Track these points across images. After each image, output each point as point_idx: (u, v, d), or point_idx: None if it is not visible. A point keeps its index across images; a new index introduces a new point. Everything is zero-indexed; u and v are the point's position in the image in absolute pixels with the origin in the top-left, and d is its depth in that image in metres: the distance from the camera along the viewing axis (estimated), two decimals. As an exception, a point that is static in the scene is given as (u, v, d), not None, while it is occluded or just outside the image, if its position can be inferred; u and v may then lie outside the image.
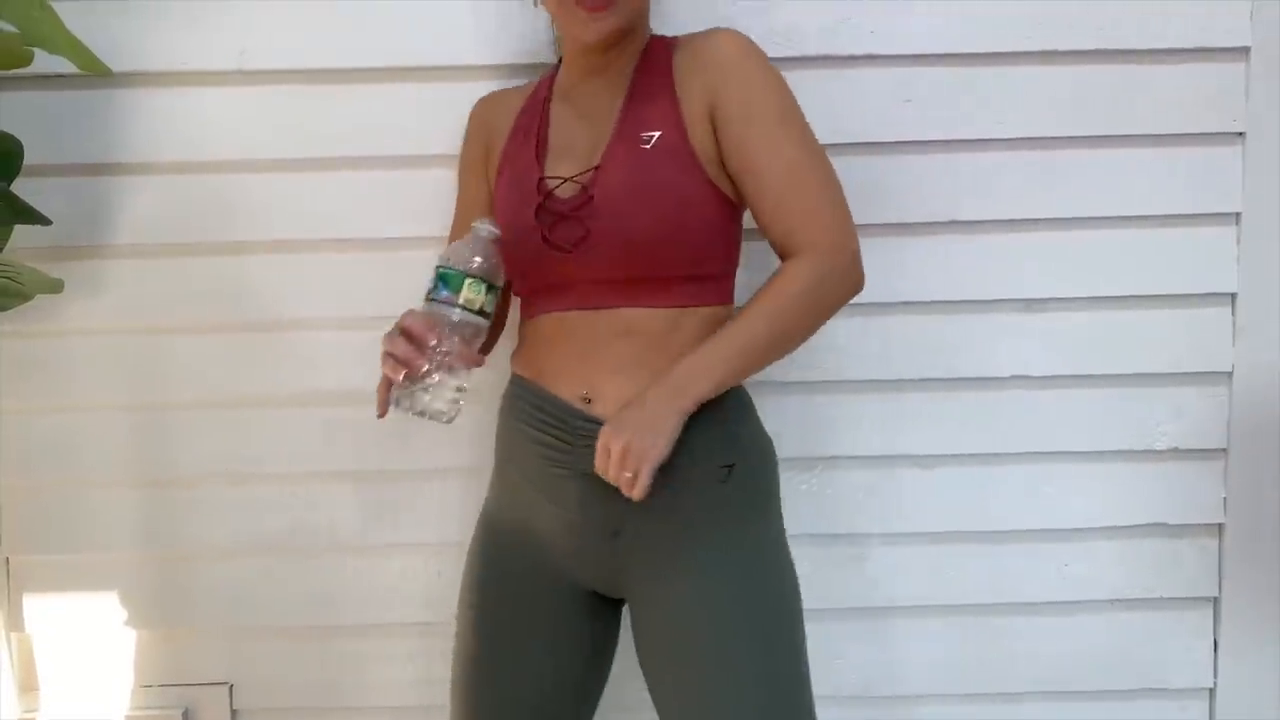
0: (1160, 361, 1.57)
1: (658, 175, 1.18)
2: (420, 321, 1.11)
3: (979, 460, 1.59)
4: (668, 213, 1.17)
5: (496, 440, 1.33)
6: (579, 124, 1.26)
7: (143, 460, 1.59)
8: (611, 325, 1.20)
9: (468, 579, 1.31)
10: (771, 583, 1.19)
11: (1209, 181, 1.53)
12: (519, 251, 1.22)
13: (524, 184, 1.25)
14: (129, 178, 1.53)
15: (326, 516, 1.61)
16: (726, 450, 1.20)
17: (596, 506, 1.18)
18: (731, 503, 1.19)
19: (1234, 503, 1.58)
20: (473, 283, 1.11)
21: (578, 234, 1.19)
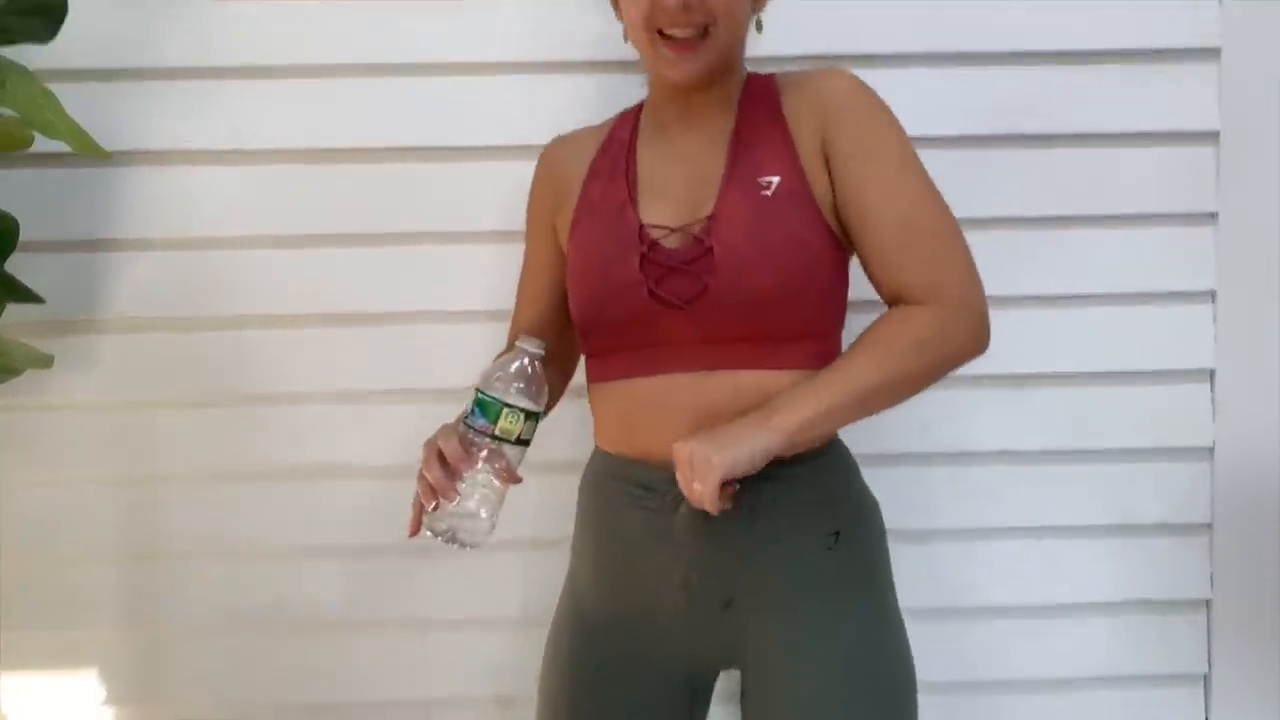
0: (1144, 437, 1.58)
1: (782, 225, 1.09)
2: (455, 449, 1.06)
3: (965, 536, 1.59)
4: (794, 266, 1.08)
5: (581, 524, 1.24)
6: (674, 166, 1.17)
7: (128, 536, 1.58)
8: (727, 390, 1.10)
9: (555, 677, 1.23)
10: (883, 661, 1.13)
11: (1183, 261, 1.56)
12: (614, 307, 1.13)
13: (619, 232, 1.14)
14: (122, 253, 1.54)
15: (310, 593, 1.59)
16: (831, 516, 1.13)
17: (708, 577, 1.11)
18: (840, 572, 1.13)
19: (1221, 578, 1.58)
20: (509, 412, 1.06)
21: (693, 289, 1.09)
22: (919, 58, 1.53)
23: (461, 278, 1.55)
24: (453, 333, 1.55)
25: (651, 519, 1.13)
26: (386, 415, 1.57)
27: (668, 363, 1.12)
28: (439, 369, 1.55)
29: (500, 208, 1.53)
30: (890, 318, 1.08)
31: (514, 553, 1.58)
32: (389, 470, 1.56)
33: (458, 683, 1.60)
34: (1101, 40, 1.53)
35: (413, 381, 1.56)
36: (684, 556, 1.12)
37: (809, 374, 1.07)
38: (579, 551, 1.25)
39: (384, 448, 1.56)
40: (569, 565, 1.27)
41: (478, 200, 1.55)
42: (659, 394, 1.12)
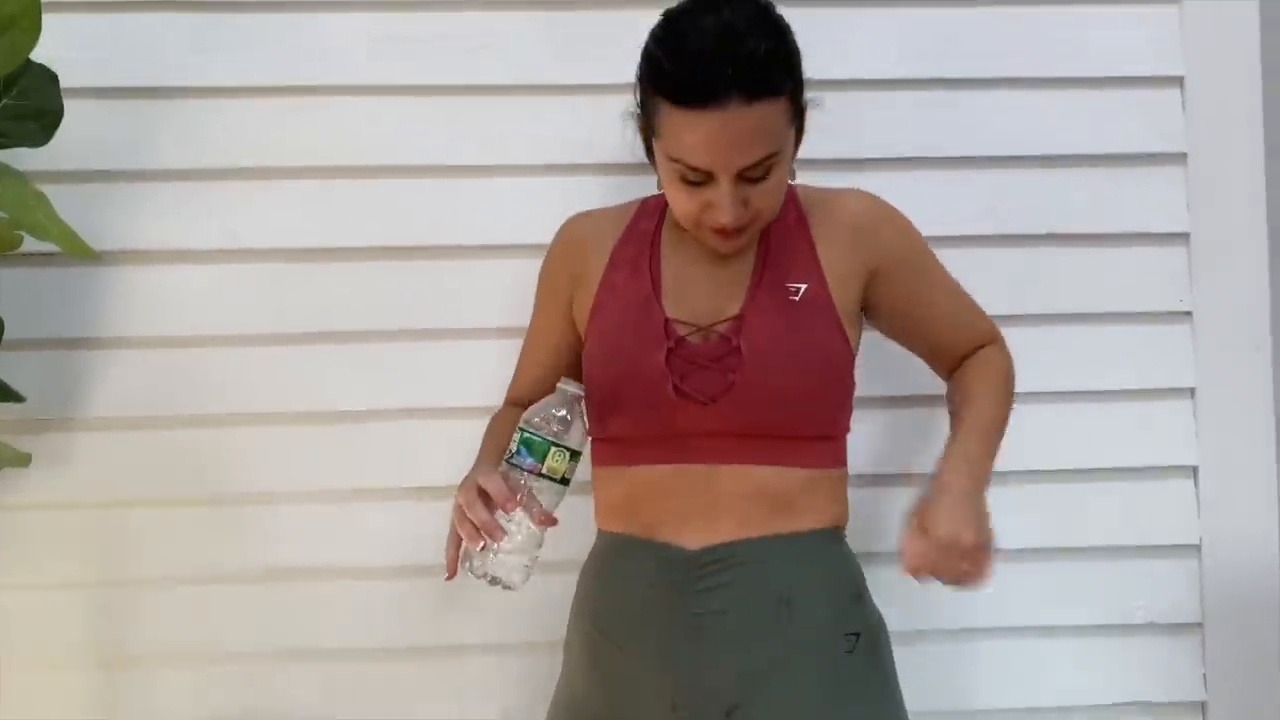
0: (1129, 535, 1.58)
1: (807, 330, 1.15)
2: (501, 487, 1.07)
3: (949, 637, 1.56)
4: (817, 369, 1.15)
5: (581, 613, 1.22)
6: (698, 267, 1.20)
7: (100, 639, 1.53)
8: (740, 483, 1.13)
9: None
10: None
11: (1161, 358, 1.58)
12: (636, 397, 1.15)
13: (645, 325, 1.17)
14: (103, 351, 1.54)
15: (289, 698, 1.54)
16: (853, 617, 1.15)
17: (713, 674, 1.09)
18: (856, 677, 1.13)
19: (1214, 679, 1.56)
20: (557, 451, 1.08)
21: (719, 387, 1.13)
22: (906, 161, 1.58)
23: (446, 375, 1.56)
24: (437, 430, 1.55)
25: (663, 601, 1.12)
26: (367, 515, 1.55)
27: (683, 454, 1.14)
28: (422, 467, 1.54)
29: (487, 306, 1.55)
30: (979, 365, 1.25)
31: (494, 656, 1.55)
32: (369, 571, 1.54)
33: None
34: (1075, 145, 1.58)
35: (395, 480, 1.55)
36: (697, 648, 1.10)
37: (818, 473, 1.16)
38: (574, 646, 1.22)
39: (365, 548, 1.54)
40: (563, 664, 1.24)
41: (464, 299, 1.56)
42: (669, 482, 1.15)
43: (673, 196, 1.15)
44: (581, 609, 1.22)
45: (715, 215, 1.11)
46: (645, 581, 1.14)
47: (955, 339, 1.27)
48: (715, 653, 1.09)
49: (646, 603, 1.13)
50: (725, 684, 1.09)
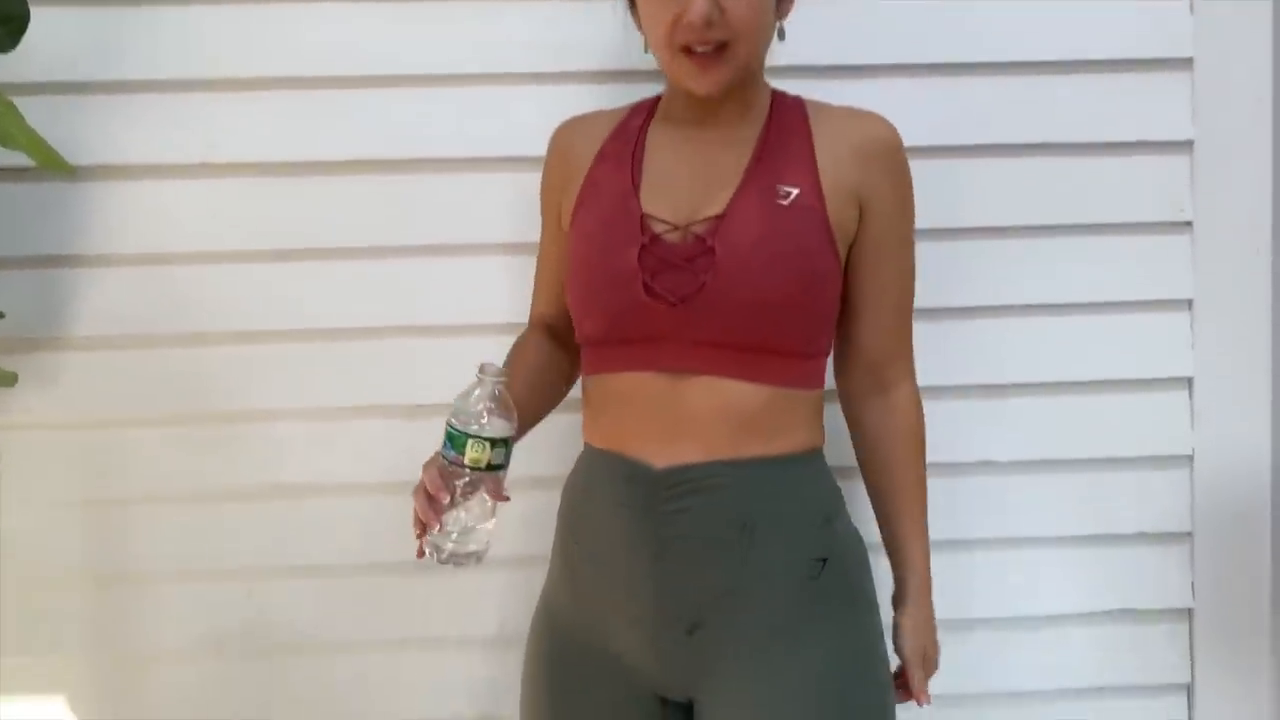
0: (1123, 446, 1.58)
1: (793, 237, 1.10)
2: (433, 478, 1.06)
3: (946, 547, 1.56)
4: (797, 280, 1.09)
5: (561, 525, 1.22)
6: (684, 162, 1.16)
7: (96, 558, 1.54)
8: (708, 397, 1.09)
9: (531, 687, 1.21)
10: (859, 700, 1.11)
11: (1161, 270, 1.57)
12: (607, 297, 1.12)
13: (620, 220, 1.13)
14: (88, 270, 1.51)
15: (286, 613, 1.56)
16: (819, 542, 1.12)
17: (675, 595, 1.09)
18: (822, 601, 1.11)
19: (1202, 587, 1.58)
20: (475, 443, 1.06)
21: (689, 287, 1.08)
22: (901, 68, 1.53)
23: (437, 292, 1.54)
24: (429, 347, 1.53)
25: (631, 519, 1.11)
26: (361, 432, 1.55)
27: (652, 360, 1.11)
28: (415, 385, 1.53)
29: (478, 220, 1.52)
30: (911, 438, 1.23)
31: (492, 571, 1.54)
32: (363, 488, 1.54)
33: (436, 703, 1.57)
34: (1077, 50, 1.54)
35: (387, 398, 1.54)
36: (658, 567, 1.10)
37: (792, 393, 1.12)
38: (555, 553, 1.23)
39: (358, 465, 1.54)
40: (547, 572, 1.25)
41: (455, 213, 1.53)
42: (639, 391, 1.12)
43: (648, 20, 1.11)
44: (563, 521, 1.22)
45: (688, 23, 1.06)
46: (614, 499, 1.13)
47: (876, 347, 1.20)
48: (677, 574, 1.09)
49: (615, 520, 1.13)
50: (687, 604, 1.09)
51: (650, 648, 1.11)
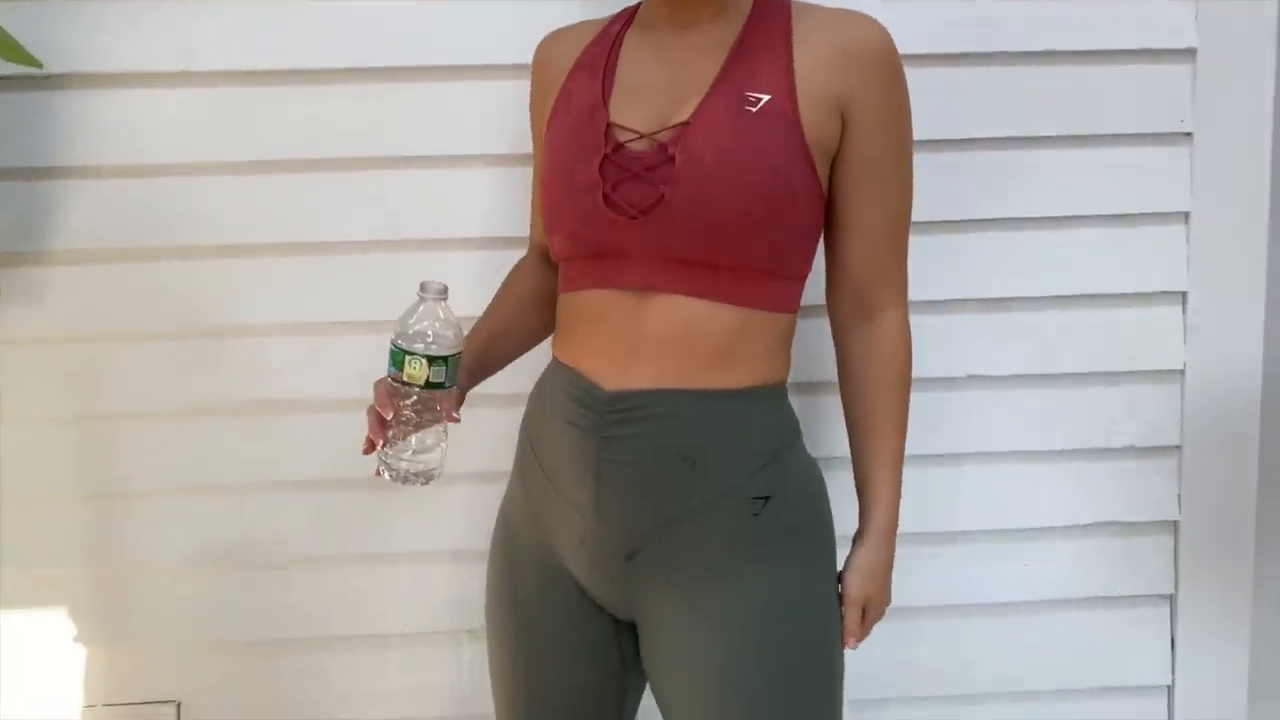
0: (1114, 360, 1.57)
1: (760, 145, 1.02)
2: (381, 395, 1.05)
3: (935, 461, 1.58)
4: (761, 192, 1.02)
5: (522, 437, 1.20)
6: (657, 68, 1.10)
7: (86, 474, 1.54)
8: (668, 318, 1.05)
9: (491, 596, 1.22)
10: (799, 637, 1.07)
11: (1159, 181, 1.54)
12: (570, 208, 1.08)
13: (587, 131, 1.08)
14: (67, 182, 1.48)
15: (276, 529, 1.57)
16: (764, 480, 1.07)
17: (615, 521, 1.07)
18: (763, 541, 1.06)
19: (1188, 499, 1.59)
20: (413, 360, 1.04)
21: (648, 199, 1.03)
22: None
23: (424, 204, 1.51)
24: (415, 262, 1.51)
25: (577, 439, 1.08)
26: (347, 348, 1.53)
27: (616, 276, 1.07)
28: (402, 300, 1.50)
29: (464, 132, 1.49)
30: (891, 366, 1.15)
31: (480, 484, 1.56)
32: (351, 403, 1.51)
33: (425, 616, 1.59)
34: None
35: (374, 313, 1.51)
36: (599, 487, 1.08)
37: (757, 315, 1.07)
38: (515, 464, 1.22)
39: (345, 381, 1.53)
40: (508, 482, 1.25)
41: (441, 124, 1.50)
42: (601, 309, 1.08)
43: None
44: (523, 433, 1.21)
45: None
46: (565, 417, 1.10)
47: (861, 270, 1.12)
48: (618, 500, 1.07)
49: (564, 438, 1.10)
50: (626, 531, 1.07)
51: (594, 568, 1.10)
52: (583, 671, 1.17)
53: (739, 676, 1.04)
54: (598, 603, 1.14)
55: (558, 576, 1.14)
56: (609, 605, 1.13)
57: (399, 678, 1.60)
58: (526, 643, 1.17)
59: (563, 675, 1.17)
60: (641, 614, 1.11)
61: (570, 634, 1.15)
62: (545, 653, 1.16)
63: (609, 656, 1.16)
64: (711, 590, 1.06)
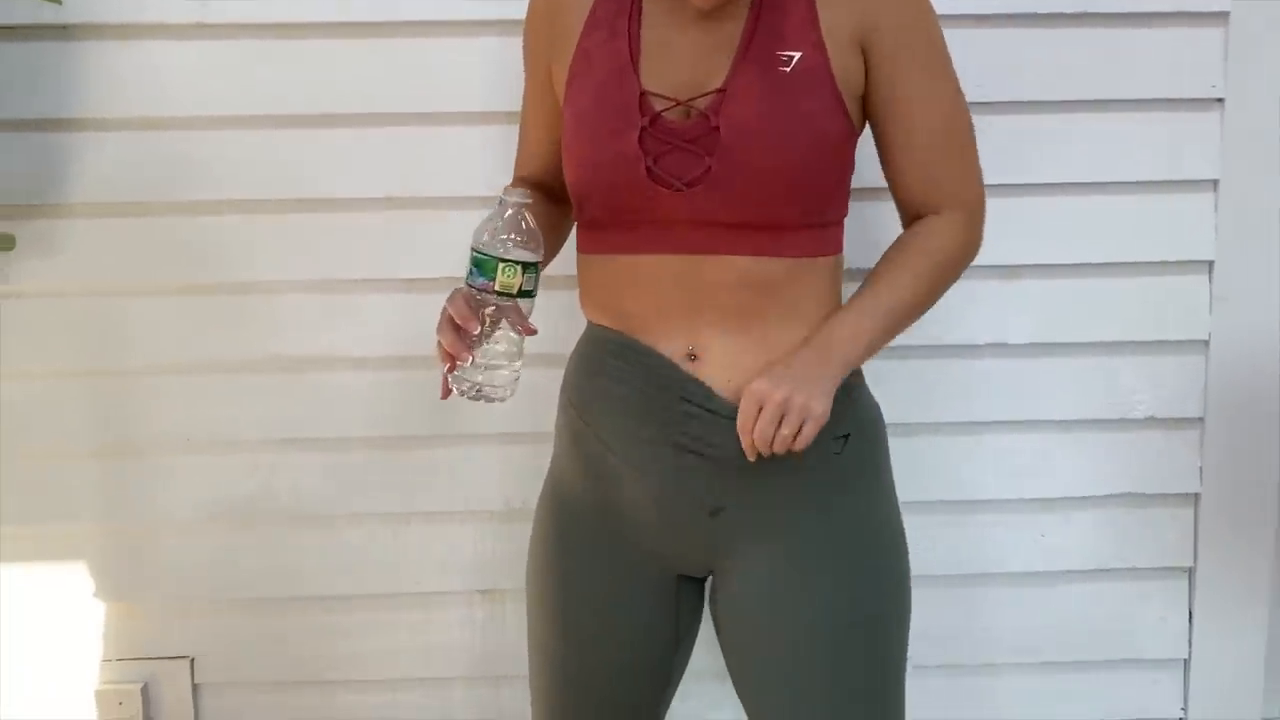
0: (1138, 330, 1.55)
1: (799, 106, 1.02)
2: (463, 308, 1.01)
3: (955, 429, 1.57)
4: (806, 151, 1.02)
5: (568, 405, 1.16)
6: (684, 30, 1.06)
7: (100, 428, 1.54)
8: (721, 274, 1.04)
9: (539, 565, 1.19)
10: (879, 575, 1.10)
11: (1187, 148, 1.51)
12: (609, 181, 1.06)
13: (618, 99, 1.06)
14: (84, 134, 1.47)
15: (292, 485, 1.56)
16: (843, 418, 1.06)
17: (697, 481, 1.06)
18: (845, 477, 1.09)
19: (1209, 472, 1.57)
20: (506, 266, 1.01)
21: (695, 170, 1.02)
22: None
23: (445, 161, 1.50)
24: (436, 219, 1.50)
25: (647, 409, 1.07)
26: (367, 305, 1.53)
27: (661, 243, 1.05)
28: (422, 257, 1.50)
29: (488, 87, 1.47)
30: (924, 233, 1.09)
31: (495, 445, 1.56)
32: (371, 361, 1.53)
33: (440, 575, 1.59)
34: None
35: (394, 270, 1.52)
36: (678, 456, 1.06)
37: (808, 262, 1.06)
38: (562, 433, 1.19)
39: (365, 338, 1.53)
40: (553, 451, 1.23)
41: (462, 80, 1.48)
42: (646, 273, 1.06)
43: None
44: (568, 400, 1.17)
45: None
46: (629, 386, 1.08)
47: (916, 192, 1.10)
48: (700, 464, 1.06)
49: (630, 407, 1.08)
50: (710, 489, 1.07)
51: (669, 529, 1.09)
52: (636, 641, 1.15)
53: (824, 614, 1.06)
54: (668, 564, 1.13)
55: (618, 544, 1.13)
56: (684, 563, 1.13)
57: (411, 637, 1.60)
58: (576, 611, 1.16)
59: (614, 644, 1.15)
60: (722, 564, 1.11)
61: (626, 602, 1.14)
62: (597, 622, 1.15)
63: (664, 627, 1.16)
64: (797, 531, 1.07)
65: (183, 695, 1.58)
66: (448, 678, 1.61)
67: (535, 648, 1.20)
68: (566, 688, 1.18)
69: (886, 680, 1.10)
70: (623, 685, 1.17)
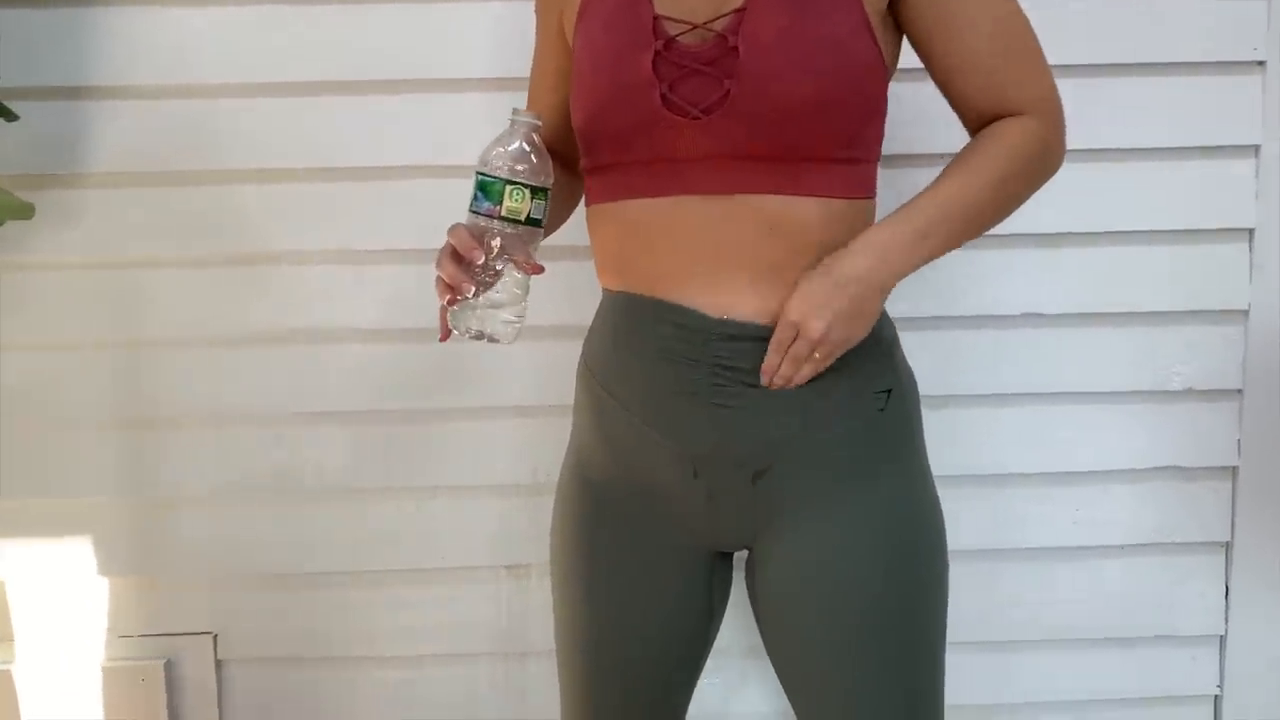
0: (1175, 299, 1.52)
1: (822, 25, 0.95)
2: (465, 238, 0.95)
3: (989, 401, 1.54)
4: (832, 74, 0.95)
5: (589, 378, 1.10)
6: None
7: (121, 401, 1.52)
8: (749, 217, 0.97)
9: (565, 545, 1.13)
10: (922, 531, 1.06)
11: (1228, 113, 1.48)
12: (619, 113, 0.99)
13: (630, 24, 0.99)
14: (105, 102, 1.45)
15: (314, 459, 1.54)
16: (885, 372, 1.03)
17: (740, 443, 1.01)
18: (887, 437, 1.04)
19: (1248, 445, 1.55)
20: (514, 189, 0.95)
21: (713, 95, 0.95)
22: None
23: (469, 129, 1.45)
24: (461, 189, 1.44)
25: (680, 371, 1.00)
26: (391, 276, 1.51)
27: (679, 183, 0.98)
28: (442, 227, 1.46)
29: (513, 54, 1.43)
30: (1004, 131, 0.99)
31: (523, 418, 1.53)
32: (394, 334, 1.51)
33: (465, 551, 1.57)
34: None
35: (419, 241, 1.47)
36: (717, 417, 1.01)
37: (840, 204, 0.98)
38: (583, 409, 1.12)
39: (388, 310, 1.51)
40: (572, 425, 1.18)
41: (490, 47, 1.46)
42: (665, 220, 0.99)
43: None
44: (589, 372, 1.11)
45: None
46: (658, 350, 1.01)
47: (978, 101, 1.01)
48: (742, 421, 1.00)
49: (660, 372, 1.02)
50: (753, 450, 1.01)
51: (706, 500, 1.05)
52: (668, 618, 1.12)
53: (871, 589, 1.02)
54: (701, 538, 1.08)
55: (648, 521, 1.08)
56: (720, 536, 1.08)
57: (436, 613, 1.58)
58: (606, 590, 1.11)
59: (646, 623, 1.11)
60: (761, 536, 1.06)
61: (658, 579, 1.10)
62: (628, 600, 1.11)
63: (697, 603, 1.12)
64: (839, 498, 1.02)
65: (206, 671, 1.56)
66: (472, 654, 1.59)
67: (563, 627, 1.16)
68: (597, 668, 1.14)
69: (930, 655, 1.07)
70: (654, 663, 1.13)
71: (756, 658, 1.56)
